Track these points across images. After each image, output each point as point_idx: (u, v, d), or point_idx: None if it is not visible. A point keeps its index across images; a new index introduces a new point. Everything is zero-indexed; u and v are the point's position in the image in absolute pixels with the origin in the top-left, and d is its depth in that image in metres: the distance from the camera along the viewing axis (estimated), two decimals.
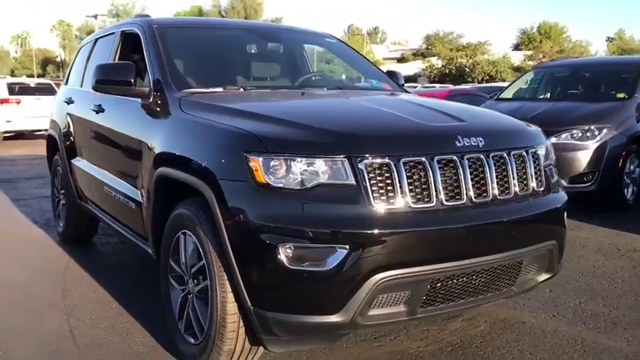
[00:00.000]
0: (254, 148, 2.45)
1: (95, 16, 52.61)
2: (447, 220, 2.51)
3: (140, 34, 3.84)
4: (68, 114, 4.83)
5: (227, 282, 2.53)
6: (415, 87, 29.41)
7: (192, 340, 2.83)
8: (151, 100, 3.36)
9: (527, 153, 2.87)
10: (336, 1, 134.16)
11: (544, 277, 3.03)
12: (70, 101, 4.84)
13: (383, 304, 2.49)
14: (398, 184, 2.44)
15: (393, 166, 2.44)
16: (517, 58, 52.12)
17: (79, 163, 4.60)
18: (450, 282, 2.59)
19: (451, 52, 54.65)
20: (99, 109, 4.07)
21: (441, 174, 2.53)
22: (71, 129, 4.76)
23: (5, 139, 15.23)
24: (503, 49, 59.96)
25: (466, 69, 51.23)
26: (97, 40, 4.92)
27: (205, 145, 2.73)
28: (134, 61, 3.75)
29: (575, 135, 6.58)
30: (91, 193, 4.44)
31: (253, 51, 4.22)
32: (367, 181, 2.40)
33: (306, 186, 2.40)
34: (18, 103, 15.02)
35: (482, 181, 2.64)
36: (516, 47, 64.74)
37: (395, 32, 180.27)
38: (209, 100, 3.12)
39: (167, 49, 3.63)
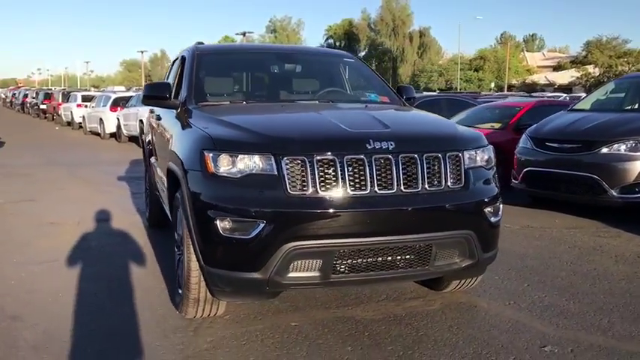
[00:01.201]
0: (208, 147, 3.32)
1: (244, 34, 56.42)
2: (349, 206, 3.19)
3: (186, 58, 4.89)
4: (149, 123, 6.04)
5: (191, 246, 3.42)
6: (559, 96, 28.57)
7: (180, 292, 3.76)
8: (179, 110, 4.36)
9: (444, 156, 3.42)
10: (489, 9, 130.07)
11: (467, 262, 3.55)
12: (151, 112, 6.05)
13: (300, 269, 3.24)
14: (310, 176, 3.17)
15: (307, 163, 3.18)
16: None
17: (152, 160, 5.78)
18: (357, 255, 3.26)
19: (610, 59, 51.37)
20: (158, 118, 5.18)
21: (349, 170, 3.21)
22: (150, 135, 5.97)
23: None
24: None
25: None
26: (174, 62, 6.09)
27: (185, 144, 3.65)
28: None
29: (628, 146, 6.61)
30: (157, 184, 5.58)
31: (273, 70, 5.10)
32: (285, 172, 3.17)
33: (240, 175, 3.22)
34: None
35: (388, 177, 3.27)
36: None
37: (554, 39, 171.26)
38: (205, 111, 4.03)
39: (198, 70, 4.63)
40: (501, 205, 3.75)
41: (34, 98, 37.29)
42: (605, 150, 6.68)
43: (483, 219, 3.55)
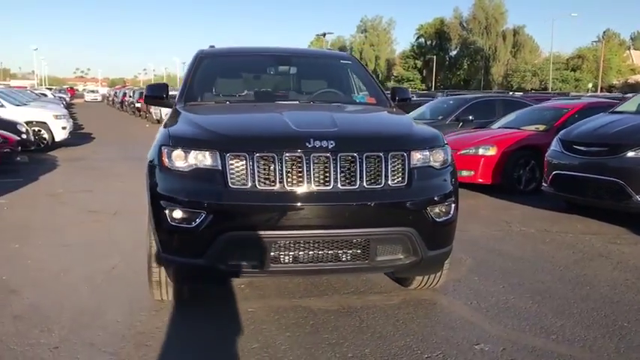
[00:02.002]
0: (166, 143, 3.65)
1: (324, 34, 57.12)
2: (284, 200, 3.40)
3: (191, 60, 5.26)
4: None
5: (152, 233, 3.76)
6: None
7: None
8: (172, 109, 4.73)
9: (386, 155, 3.55)
10: (590, 6, 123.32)
11: (411, 259, 3.66)
12: None
13: (242, 257, 3.49)
14: (250, 171, 3.41)
15: (248, 159, 3.42)
16: None
17: None
18: (295, 247, 3.46)
19: None
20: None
21: (288, 166, 3.42)
22: None
23: None
24: None
25: None
26: None
27: (156, 140, 3.99)
28: None
29: None
30: None
31: (267, 72, 5.37)
32: (228, 167, 3.43)
33: (189, 169, 3.51)
34: None
35: (326, 174, 3.45)
36: None
37: None
38: (187, 111, 4.33)
39: (196, 72, 4.98)
40: (454, 205, 3.79)
41: (131, 97, 39.63)
42: (631, 154, 6.42)
43: (426, 217, 3.63)
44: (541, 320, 3.82)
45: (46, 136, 16.33)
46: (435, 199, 3.68)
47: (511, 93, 33.44)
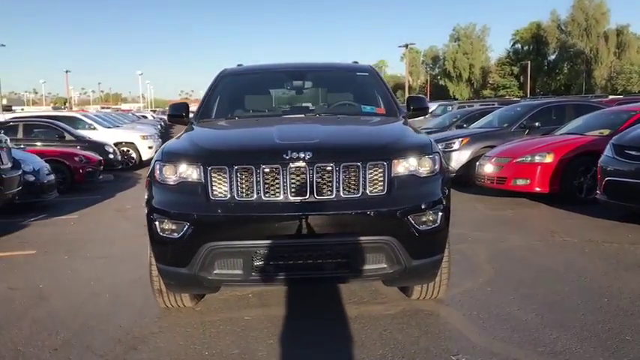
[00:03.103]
0: (159, 158, 3.88)
1: (406, 46, 56.60)
2: (262, 210, 3.51)
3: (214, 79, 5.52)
4: None
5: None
6: None
7: None
8: (188, 127, 4.98)
9: (364, 165, 3.57)
10: None
11: (395, 268, 3.64)
12: None
13: (224, 267, 3.63)
14: (229, 183, 3.56)
15: (228, 172, 3.58)
16: None
17: None
18: (276, 257, 3.56)
19: None
20: None
21: (265, 178, 3.54)
22: None
23: None
24: None
25: None
26: None
27: None
28: None
29: None
30: None
31: (282, 88, 5.51)
32: (209, 180, 3.60)
33: (176, 183, 3.71)
34: None
35: (302, 185, 3.53)
36: None
37: None
38: (197, 127, 4.57)
39: (214, 91, 5.23)
40: (442, 213, 3.72)
41: None
42: None
43: (407, 226, 3.58)
44: (537, 332, 3.68)
45: (134, 155, 17.43)
46: (421, 207, 3.64)
47: (596, 97, 31.64)
